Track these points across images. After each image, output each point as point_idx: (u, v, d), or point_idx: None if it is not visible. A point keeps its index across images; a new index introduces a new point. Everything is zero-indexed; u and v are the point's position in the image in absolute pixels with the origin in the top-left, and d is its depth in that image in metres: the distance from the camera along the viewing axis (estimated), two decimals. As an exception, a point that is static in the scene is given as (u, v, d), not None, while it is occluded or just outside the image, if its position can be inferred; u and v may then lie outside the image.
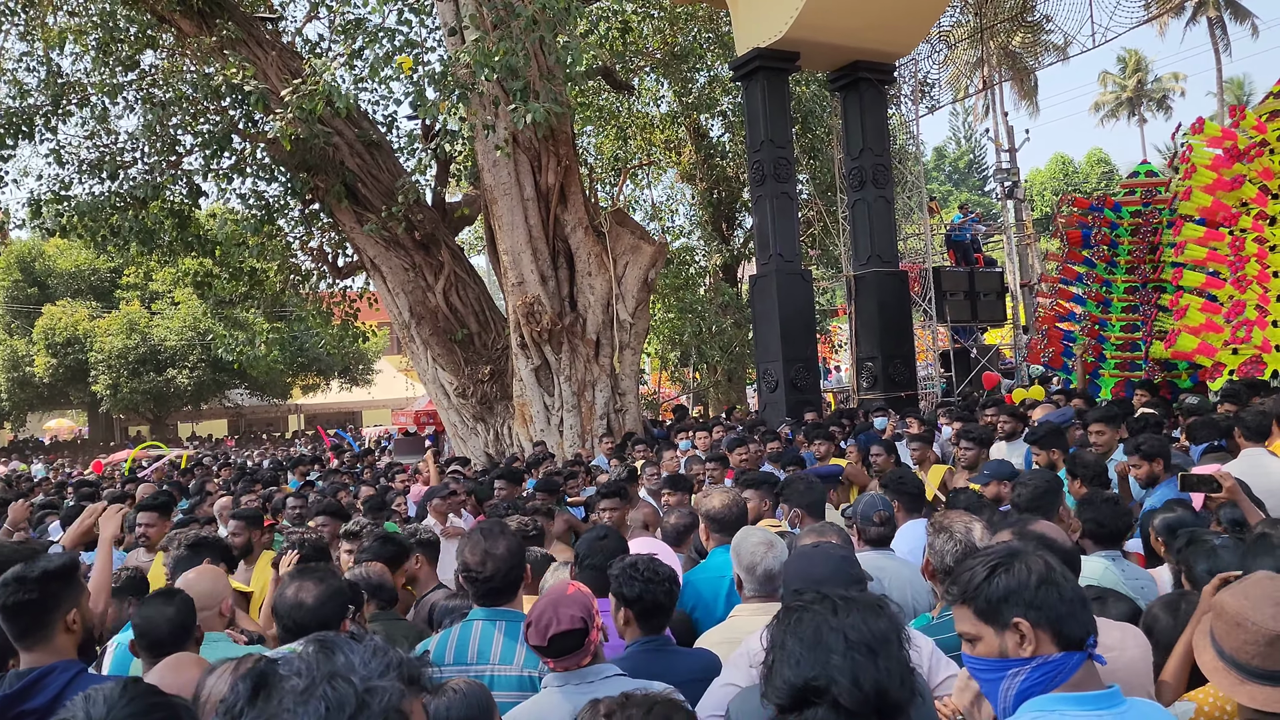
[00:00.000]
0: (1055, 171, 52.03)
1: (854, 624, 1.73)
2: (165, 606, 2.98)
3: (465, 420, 13.62)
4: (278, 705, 1.18)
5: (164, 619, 2.94)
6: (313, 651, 1.24)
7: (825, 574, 2.77)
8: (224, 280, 14.61)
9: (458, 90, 9.58)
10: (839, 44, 13.23)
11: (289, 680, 1.20)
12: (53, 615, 2.67)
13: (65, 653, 2.67)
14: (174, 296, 33.02)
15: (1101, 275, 12.05)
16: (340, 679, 1.20)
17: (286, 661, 1.23)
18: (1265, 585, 2.15)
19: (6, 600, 2.61)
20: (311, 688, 1.19)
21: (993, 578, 1.97)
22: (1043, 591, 1.92)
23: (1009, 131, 21.59)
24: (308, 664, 1.22)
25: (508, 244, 12.21)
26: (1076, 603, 1.92)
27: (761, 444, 9.09)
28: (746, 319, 19.27)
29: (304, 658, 1.24)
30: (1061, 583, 1.94)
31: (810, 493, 4.59)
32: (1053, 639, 1.91)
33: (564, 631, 2.69)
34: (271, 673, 1.22)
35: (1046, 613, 1.91)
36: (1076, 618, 1.92)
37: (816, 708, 1.67)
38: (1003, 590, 1.95)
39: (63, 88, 12.83)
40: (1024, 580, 1.94)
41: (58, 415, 43.87)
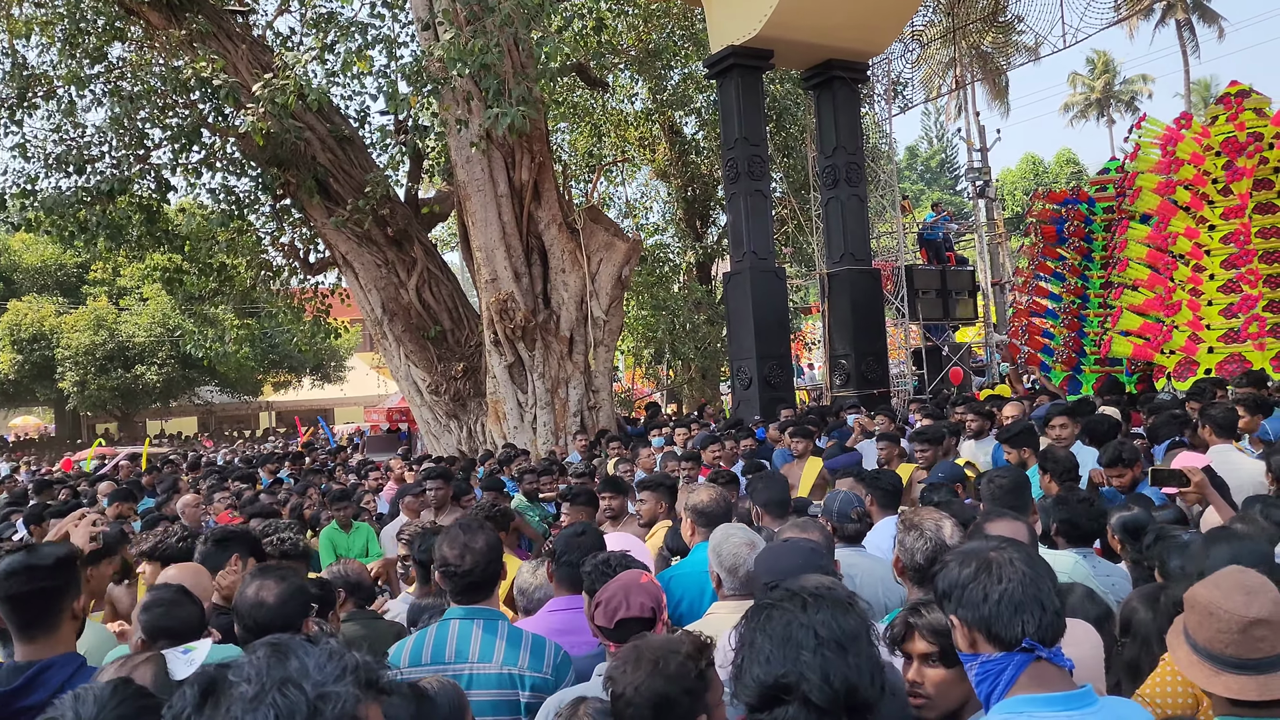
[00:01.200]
0: (1026, 171, 52.51)
1: (823, 620, 1.75)
2: (188, 604, 2.92)
3: (438, 417, 13.55)
4: (225, 713, 1.15)
5: (193, 617, 2.90)
6: (264, 656, 1.22)
7: (793, 567, 2.79)
8: (193, 276, 14.44)
9: (430, 85, 9.52)
10: (813, 42, 13.27)
11: (238, 686, 1.17)
12: (63, 603, 2.63)
13: (67, 643, 2.63)
14: (142, 292, 32.57)
15: (1078, 269, 12.15)
16: (291, 685, 1.17)
17: (236, 667, 1.20)
18: (1235, 575, 2.18)
19: (19, 589, 2.54)
20: (261, 695, 1.16)
21: (938, 575, 2.04)
22: (970, 591, 1.95)
23: (980, 131, 21.72)
24: (258, 669, 1.19)
25: (481, 240, 12.15)
26: (1007, 605, 1.92)
27: (735, 442, 9.12)
28: (720, 316, 19.31)
29: (254, 663, 1.21)
30: (991, 585, 1.94)
31: (769, 490, 4.59)
32: (986, 639, 1.94)
33: (632, 618, 2.68)
34: (220, 678, 1.19)
35: (972, 612, 1.94)
36: (1004, 620, 1.91)
37: (786, 705, 1.68)
38: (942, 587, 2.01)
39: (28, 80, 12.64)
40: (955, 579, 1.98)
41: (23, 413, 43.23)
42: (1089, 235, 12.08)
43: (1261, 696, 2.05)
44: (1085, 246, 12.11)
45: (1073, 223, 12.09)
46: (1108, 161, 12.68)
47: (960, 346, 18.67)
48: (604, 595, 2.74)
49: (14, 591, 2.55)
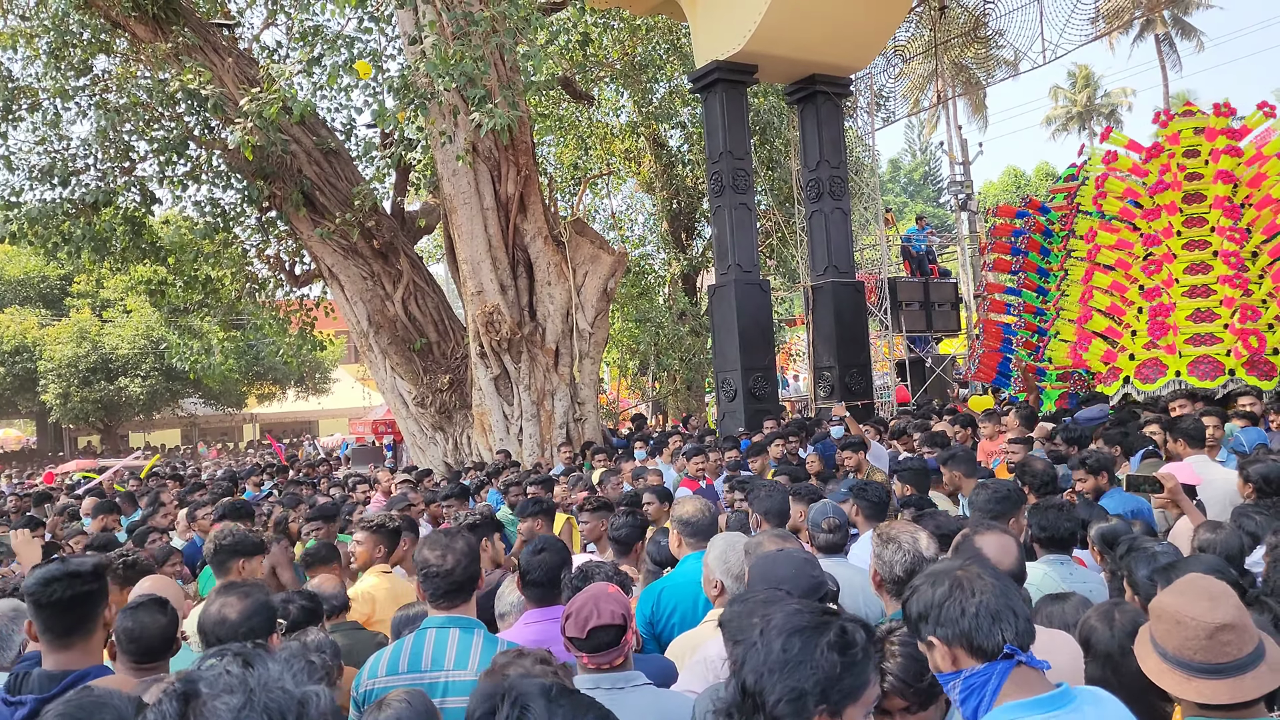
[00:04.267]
0: (1008, 184, 52.94)
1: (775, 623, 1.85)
2: (159, 615, 2.95)
3: (424, 429, 13.56)
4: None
5: (157, 628, 2.92)
6: (236, 664, 1.22)
7: (787, 576, 2.84)
8: (178, 288, 14.40)
9: (416, 99, 9.57)
10: (796, 57, 13.39)
11: (219, 697, 1.17)
12: (99, 609, 2.68)
13: (98, 653, 2.68)
14: (126, 304, 32.45)
15: (1035, 283, 12.20)
16: (275, 688, 1.19)
17: (209, 679, 1.20)
18: (1199, 583, 2.23)
19: (62, 595, 2.58)
20: (250, 700, 1.17)
21: (911, 600, 2.13)
22: (947, 608, 2.04)
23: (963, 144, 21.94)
24: (238, 678, 1.19)
25: (467, 253, 12.19)
26: (983, 615, 2.02)
27: (720, 453, 9.17)
28: (704, 328, 19.38)
29: (230, 672, 1.21)
30: (966, 599, 2.04)
31: (771, 499, 4.65)
32: (968, 652, 2.03)
33: (603, 625, 2.71)
34: (194, 692, 1.19)
35: (952, 628, 2.03)
36: (984, 630, 2.01)
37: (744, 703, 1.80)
38: (915, 612, 2.11)
39: (13, 92, 12.62)
40: (929, 600, 2.08)
41: (4, 425, 42.90)
42: (1045, 249, 12.15)
43: (1233, 699, 2.10)
44: (1042, 262, 12.15)
45: (1027, 235, 12.18)
46: (1066, 169, 12.81)
47: (944, 358, 18.81)
48: (573, 607, 2.77)
49: (55, 598, 2.59)
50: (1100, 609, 2.78)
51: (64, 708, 1.78)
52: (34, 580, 2.62)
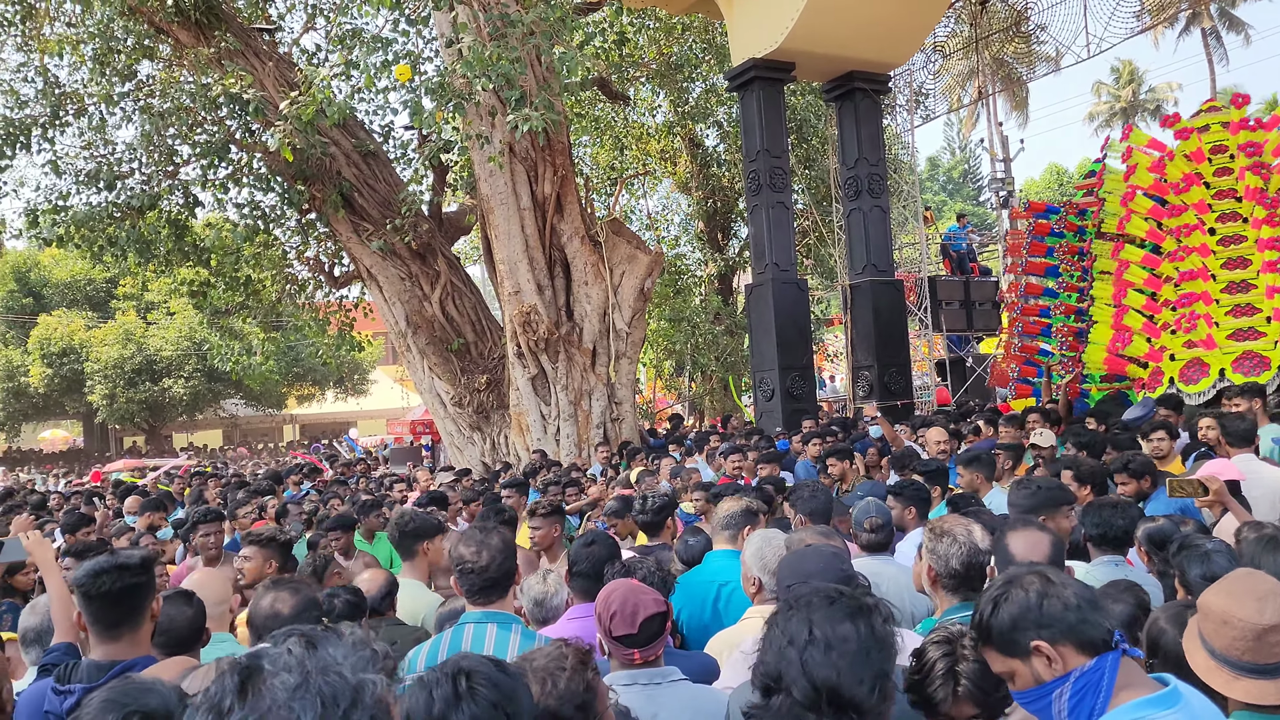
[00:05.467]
0: (1050, 181, 52.20)
1: (820, 620, 1.81)
2: (185, 607, 3.01)
3: (462, 429, 13.61)
4: (271, 701, 1.16)
5: (184, 619, 2.98)
6: (299, 646, 1.23)
7: (815, 570, 2.80)
8: (220, 290, 14.58)
9: (454, 100, 9.60)
10: (834, 54, 13.28)
11: (278, 675, 1.18)
12: (147, 601, 2.74)
13: (145, 644, 2.73)
14: (170, 306, 32.95)
15: (1073, 284, 11.96)
16: (333, 672, 1.19)
17: (271, 656, 1.21)
18: (1246, 581, 2.19)
19: (111, 586, 2.64)
20: (306, 682, 1.17)
21: (996, 611, 1.98)
22: (1047, 606, 1.93)
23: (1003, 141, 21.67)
24: (297, 658, 1.20)
25: (504, 253, 12.23)
26: (1085, 606, 1.93)
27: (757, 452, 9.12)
28: (740, 328, 19.29)
29: (291, 652, 1.22)
30: (1062, 592, 1.95)
31: (815, 499, 4.60)
32: (1077, 649, 1.91)
33: (650, 615, 2.69)
34: (257, 668, 1.20)
35: (1058, 626, 1.91)
36: (1090, 621, 1.92)
37: (779, 695, 1.76)
38: (1010, 619, 1.95)
39: (60, 98, 12.84)
40: (1025, 603, 1.95)
41: (52, 426, 43.74)
42: (1081, 249, 11.91)
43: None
44: (1079, 261, 11.91)
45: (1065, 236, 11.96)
46: (1092, 164, 12.57)
47: (985, 358, 18.57)
48: (615, 605, 2.73)
49: (104, 589, 2.64)
50: (1170, 611, 2.70)
51: (109, 693, 1.80)
52: (84, 572, 2.68)
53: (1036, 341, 12.40)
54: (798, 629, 1.79)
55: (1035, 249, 12.44)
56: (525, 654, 2.19)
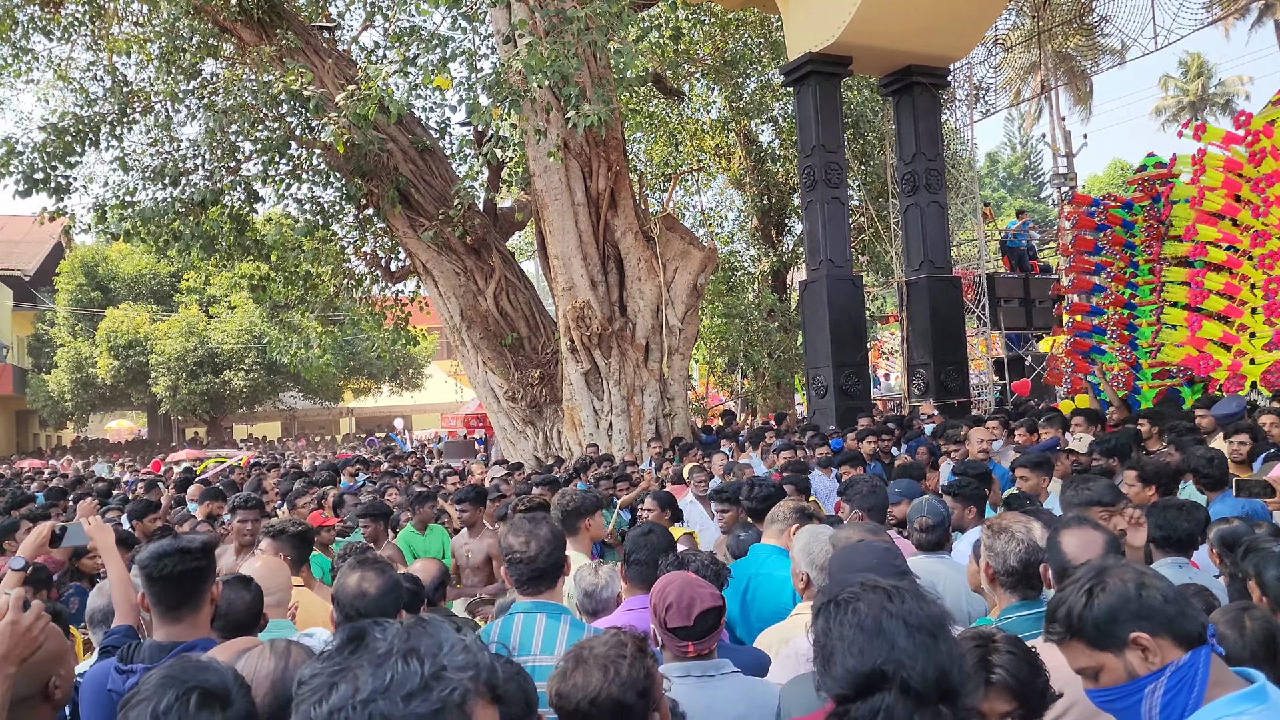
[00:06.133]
0: (1114, 177, 51.05)
1: (910, 610, 1.74)
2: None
3: (515, 424, 13.69)
4: (356, 661, 1.23)
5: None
6: (408, 625, 1.29)
7: (868, 566, 2.75)
8: (279, 284, 14.84)
9: (510, 97, 9.65)
10: (892, 48, 13.12)
11: (376, 643, 1.25)
12: (207, 585, 2.81)
13: (205, 626, 2.80)
14: (231, 300, 33.64)
15: (1122, 276, 11.69)
16: (415, 658, 1.23)
17: (384, 627, 1.28)
18: None
19: (172, 569, 2.71)
20: (386, 657, 1.22)
21: (1092, 601, 1.90)
22: (1146, 597, 1.86)
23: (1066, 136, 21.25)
24: (397, 635, 1.26)
25: (558, 249, 12.27)
26: (1180, 599, 1.87)
27: (810, 449, 9.06)
28: (794, 324, 19.16)
29: (400, 627, 1.28)
30: (1158, 583, 1.88)
31: (874, 495, 4.55)
32: (1173, 642, 1.84)
33: (707, 609, 2.68)
34: (368, 631, 1.27)
35: (1158, 618, 1.84)
36: (1186, 613, 1.86)
37: (882, 694, 1.67)
38: (1108, 610, 1.88)
39: (128, 96, 13.15)
40: (1125, 593, 1.87)
41: (119, 416, 44.91)
42: (1129, 242, 11.62)
43: None
44: (1127, 255, 11.63)
45: (1112, 229, 11.68)
46: (1145, 158, 12.24)
47: (1045, 356, 18.24)
48: (671, 597, 2.72)
49: (166, 572, 2.71)
50: (1228, 613, 2.62)
51: (168, 670, 1.83)
52: (147, 555, 2.75)
53: (1090, 339, 12.17)
54: (892, 624, 1.72)
55: (1081, 244, 12.20)
56: (584, 642, 2.19)
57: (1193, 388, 10.36)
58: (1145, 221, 11.44)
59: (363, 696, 1.18)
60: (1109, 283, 11.76)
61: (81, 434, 41.05)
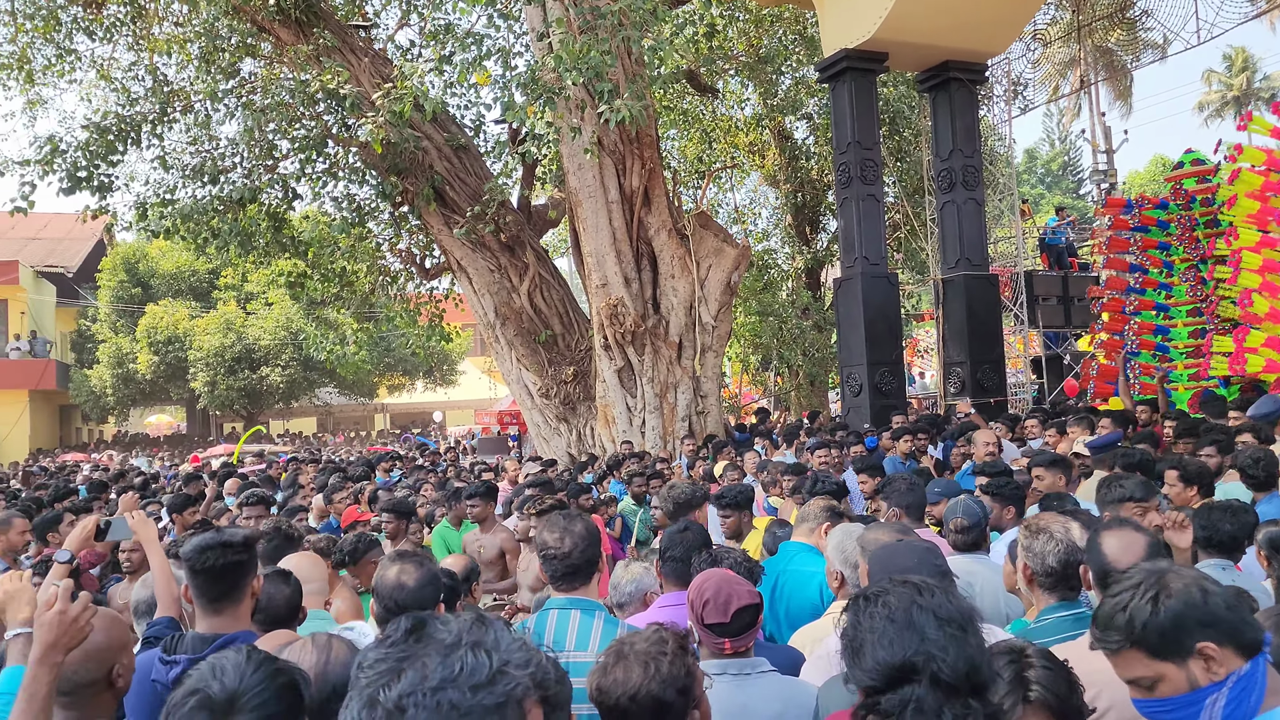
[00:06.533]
0: (1155, 174, 50.25)
1: (940, 604, 1.73)
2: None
3: (548, 420, 13.73)
4: (422, 649, 1.25)
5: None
6: (468, 619, 1.32)
7: (910, 566, 2.73)
8: (316, 281, 14.98)
9: (544, 94, 9.68)
10: (929, 44, 13.01)
11: (439, 633, 1.28)
12: (248, 579, 2.85)
13: (246, 619, 2.85)
14: (268, 297, 34.00)
15: (1156, 280, 11.49)
16: (482, 650, 1.26)
17: (442, 619, 1.31)
18: None
19: (214, 562, 2.76)
20: (455, 646, 1.25)
21: (1158, 608, 1.83)
22: (1211, 604, 1.80)
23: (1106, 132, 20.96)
24: (461, 626, 1.29)
25: (592, 246, 12.29)
26: (1240, 606, 1.83)
27: (843, 449, 9.01)
28: (828, 323, 19.05)
29: (460, 620, 1.31)
30: (1217, 590, 1.83)
31: (912, 494, 4.52)
32: (1235, 651, 1.79)
33: (744, 606, 2.68)
34: (429, 621, 1.31)
35: (1223, 626, 1.79)
36: (1248, 621, 1.81)
37: (912, 685, 1.66)
38: (1174, 618, 1.81)
39: (168, 95, 13.33)
40: (1191, 600, 1.81)
41: (158, 411, 45.55)
42: (1164, 243, 11.41)
43: None
44: (1162, 256, 11.41)
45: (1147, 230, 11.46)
46: (1183, 155, 12.00)
47: (1083, 355, 18.02)
48: (709, 593, 2.72)
49: (208, 564, 2.76)
50: (1269, 617, 2.58)
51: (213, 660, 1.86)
52: (191, 547, 2.80)
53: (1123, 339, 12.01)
54: (922, 617, 1.71)
55: (1115, 244, 12.02)
56: (625, 637, 2.20)
57: (1229, 388, 10.18)
58: (1180, 222, 11.25)
59: (432, 684, 1.20)
60: (1141, 285, 11.60)
61: (122, 428, 41.68)
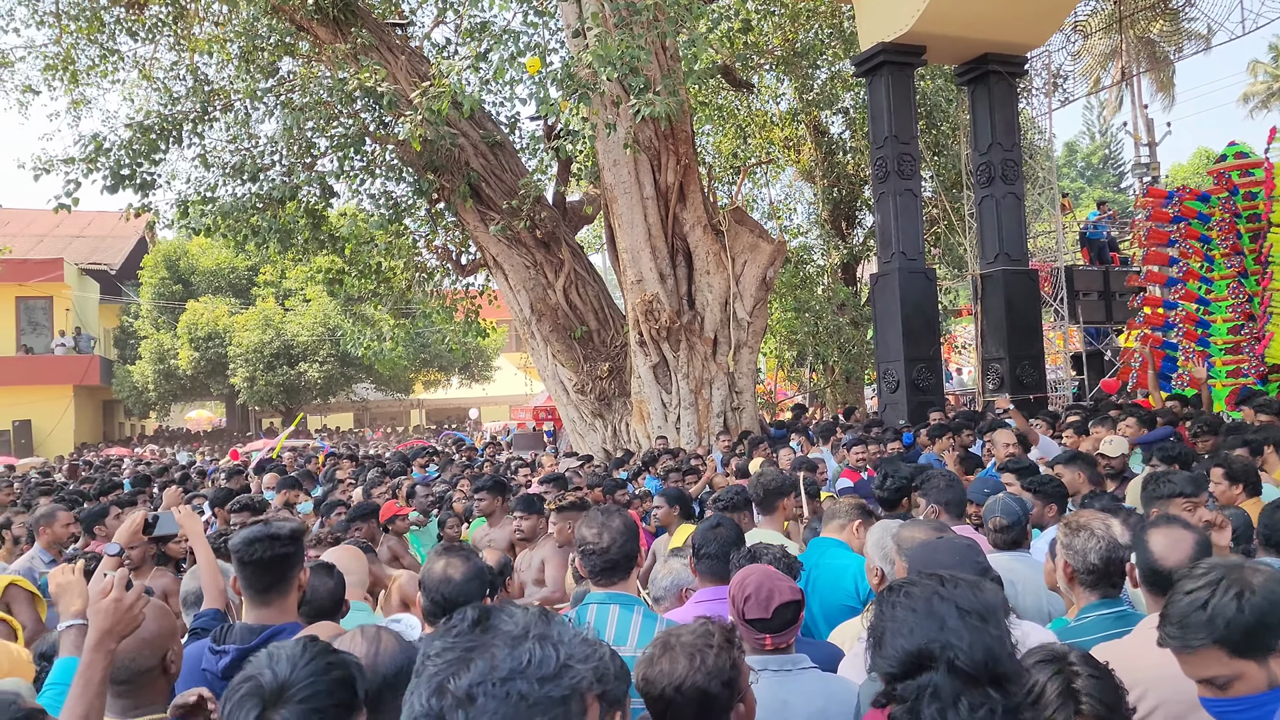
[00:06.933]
0: (1199, 166, 49.37)
1: (963, 595, 1.75)
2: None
3: (584, 416, 13.77)
4: (490, 639, 1.28)
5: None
6: (534, 612, 1.34)
7: (951, 563, 2.71)
8: (353, 278, 15.11)
9: (580, 90, 9.68)
10: (968, 36, 12.87)
11: (505, 624, 1.30)
12: (295, 572, 2.91)
13: (293, 611, 2.89)
14: (306, 294, 34.32)
15: (1198, 273, 11.28)
16: (549, 643, 1.28)
17: (507, 610, 1.33)
18: None
19: (262, 555, 2.81)
20: (523, 637, 1.27)
21: (1243, 606, 1.80)
22: None
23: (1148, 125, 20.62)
24: (527, 619, 1.31)
25: (627, 242, 12.30)
26: None
27: (881, 444, 8.96)
28: (865, 318, 18.93)
29: (525, 611, 1.33)
30: None
31: (951, 490, 4.47)
32: None
33: (786, 603, 2.68)
34: (493, 612, 1.33)
35: None
36: None
37: (930, 673, 1.67)
38: (1259, 616, 1.78)
39: (209, 95, 13.49)
40: (1276, 597, 1.78)
41: (198, 406, 46.16)
42: (1205, 236, 11.19)
43: None
44: (1203, 249, 11.20)
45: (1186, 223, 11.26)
46: (1226, 148, 11.76)
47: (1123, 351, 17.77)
48: (750, 589, 2.72)
49: (256, 557, 2.81)
50: None
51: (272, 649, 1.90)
52: (239, 540, 2.85)
53: (1164, 334, 11.82)
54: (943, 606, 1.73)
55: (1155, 237, 11.84)
56: (672, 629, 2.21)
57: (1266, 385, 10.02)
58: (1222, 215, 11.06)
59: (501, 674, 1.22)
60: (1182, 278, 11.42)
61: (163, 423, 42.30)
